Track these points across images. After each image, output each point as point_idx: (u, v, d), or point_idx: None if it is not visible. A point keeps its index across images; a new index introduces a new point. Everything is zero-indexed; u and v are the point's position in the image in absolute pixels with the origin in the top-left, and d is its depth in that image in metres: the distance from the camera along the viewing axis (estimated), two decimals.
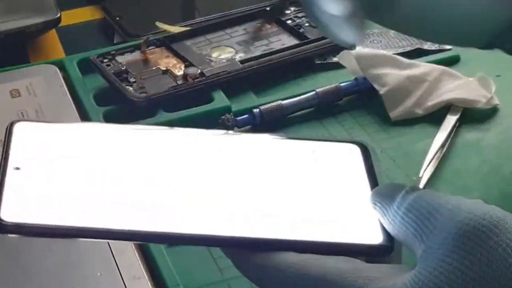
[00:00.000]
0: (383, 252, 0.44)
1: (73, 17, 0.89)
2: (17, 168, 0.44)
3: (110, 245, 0.58)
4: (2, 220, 0.42)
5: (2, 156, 0.45)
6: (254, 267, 0.44)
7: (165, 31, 0.82)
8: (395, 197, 0.44)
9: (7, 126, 0.46)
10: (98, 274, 0.56)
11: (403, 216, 0.42)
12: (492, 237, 0.38)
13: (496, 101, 0.72)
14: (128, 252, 0.58)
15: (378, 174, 0.48)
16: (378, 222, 0.45)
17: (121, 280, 0.55)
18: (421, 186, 0.64)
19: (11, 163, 0.44)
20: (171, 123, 0.69)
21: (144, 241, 0.44)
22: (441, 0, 0.49)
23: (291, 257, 0.43)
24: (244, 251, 0.44)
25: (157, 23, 0.83)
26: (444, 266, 0.39)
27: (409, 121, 0.72)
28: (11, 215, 0.42)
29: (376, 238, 0.45)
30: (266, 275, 0.43)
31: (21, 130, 0.46)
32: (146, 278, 0.56)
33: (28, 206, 0.43)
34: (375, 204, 0.45)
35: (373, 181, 0.48)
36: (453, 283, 0.38)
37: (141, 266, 0.57)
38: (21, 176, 0.44)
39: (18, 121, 0.47)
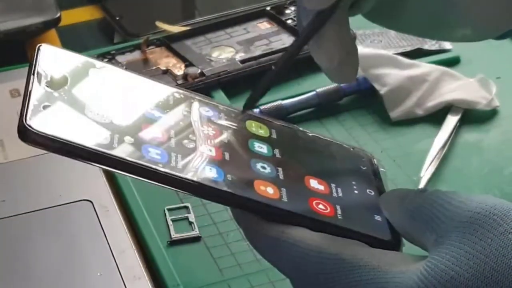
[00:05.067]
0: (390, 249, 0.45)
1: (73, 16, 0.89)
2: (44, 85, 0.45)
3: (110, 245, 0.58)
4: (31, 128, 0.43)
5: (29, 71, 0.46)
6: (266, 239, 0.44)
7: (165, 30, 0.82)
8: (405, 197, 0.45)
9: (37, 47, 0.47)
10: (98, 274, 0.56)
11: (414, 210, 0.43)
12: (503, 224, 0.40)
13: (496, 102, 0.72)
14: (128, 252, 0.58)
15: (384, 182, 0.50)
16: (386, 221, 0.46)
17: (121, 280, 0.55)
18: (421, 186, 0.64)
19: (38, 79, 0.45)
20: None
21: (166, 185, 0.45)
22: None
23: (307, 234, 0.44)
24: (259, 222, 0.44)
25: (157, 23, 0.83)
26: (455, 251, 0.40)
27: (410, 121, 0.72)
28: (38, 124, 0.43)
29: (384, 235, 0.46)
30: (280, 248, 0.44)
31: (48, 52, 0.47)
32: (146, 278, 0.56)
33: (53, 120, 0.44)
34: (386, 203, 0.46)
35: (380, 185, 0.50)
36: (464, 266, 0.39)
37: (141, 266, 0.57)
38: (46, 93, 0.45)
39: (46, 44, 0.48)
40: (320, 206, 0.46)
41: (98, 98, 0.46)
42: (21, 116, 0.43)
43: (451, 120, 0.70)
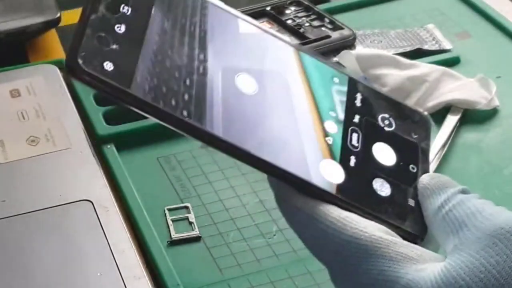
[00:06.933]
0: (413, 240, 0.44)
1: (73, 17, 0.89)
2: (102, 8, 0.41)
3: (110, 245, 0.58)
4: (80, 65, 0.39)
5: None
6: (295, 209, 0.44)
7: None
8: (444, 191, 0.45)
9: None
10: (98, 274, 0.56)
11: (448, 211, 0.44)
12: None
13: (496, 102, 0.72)
14: (128, 252, 0.58)
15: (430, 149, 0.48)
16: (418, 207, 0.45)
17: (121, 280, 0.55)
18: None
19: (95, 19, 0.41)
20: None
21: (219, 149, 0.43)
22: None
23: (333, 211, 0.44)
24: (293, 194, 0.44)
25: None
26: (471, 261, 0.40)
27: None
28: (89, 61, 0.39)
29: (412, 225, 0.45)
30: (306, 222, 0.44)
31: None
32: (146, 278, 0.56)
33: (106, 58, 0.40)
34: (424, 190, 0.46)
35: (425, 159, 0.48)
36: (475, 277, 0.40)
37: (141, 266, 0.57)
38: (103, 19, 0.41)
39: None
40: None
41: (161, 33, 0.42)
42: (73, 48, 0.39)
43: (451, 120, 0.70)
